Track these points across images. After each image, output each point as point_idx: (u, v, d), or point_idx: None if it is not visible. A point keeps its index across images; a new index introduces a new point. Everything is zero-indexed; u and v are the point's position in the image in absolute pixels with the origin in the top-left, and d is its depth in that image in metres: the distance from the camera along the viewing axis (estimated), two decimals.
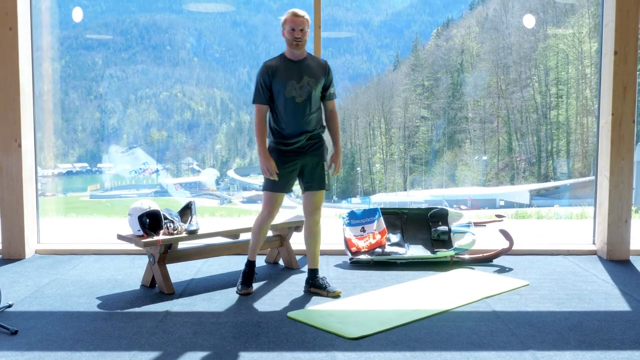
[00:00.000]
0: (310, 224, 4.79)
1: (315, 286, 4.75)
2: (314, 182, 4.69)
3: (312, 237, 4.81)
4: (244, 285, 4.78)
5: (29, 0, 5.96)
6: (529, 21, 34.89)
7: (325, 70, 4.64)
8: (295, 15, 4.49)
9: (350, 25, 50.07)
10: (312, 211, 4.75)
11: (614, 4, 5.70)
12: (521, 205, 26.82)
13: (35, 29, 6.07)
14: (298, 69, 4.54)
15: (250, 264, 4.87)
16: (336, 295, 4.66)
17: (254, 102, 4.58)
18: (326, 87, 4.67)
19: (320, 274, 4.84)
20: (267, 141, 4.67)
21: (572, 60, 33.66)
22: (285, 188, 4.70)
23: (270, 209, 4.72)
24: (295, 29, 4.46)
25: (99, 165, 38.77)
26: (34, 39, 6.03)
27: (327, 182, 4.73)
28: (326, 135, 4.80)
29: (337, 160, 4.75)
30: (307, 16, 4.53)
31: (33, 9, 6.01)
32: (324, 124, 4.78)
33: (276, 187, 4.66)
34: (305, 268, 5.51)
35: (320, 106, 4.71)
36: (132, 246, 5.32)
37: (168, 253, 4.80)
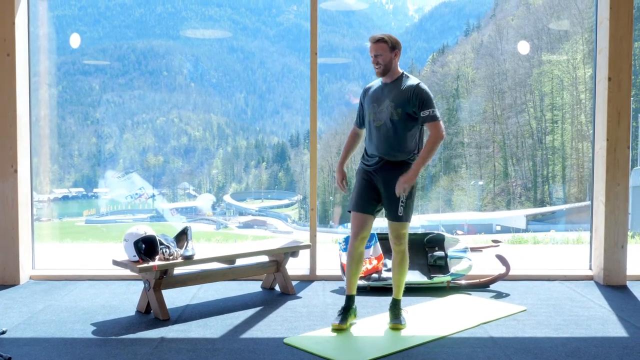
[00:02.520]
0: (394, 252, 4.62)
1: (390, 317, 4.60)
2: (386, 212, 4.52)
3: (395, 265, 4.65)
4: (341, 319, 4.48)
5: (27, 26, 6.00)
6: (524, 47, 35.14)
7: (411, 93, 4.36)
8: (372, 41, 4.43)
9: (346, 51, 50.45)
10: (392, 239, 4.55)
11: (608, 30, 5.75)
12: (517, 230, 26.78)
13: (32, 55, 6.10)
14: (383, 92, 4.47)
15: (347, 299, 4.60)
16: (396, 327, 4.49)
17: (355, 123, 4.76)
18: (416, 111, 4.37)
19: (319, 300, 4.80)
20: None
21: (567, 86, 33.87)
22: (363, 208, 4.51)
23: (354, 231, 4.54)
24: (372, 55, 4.44)
25: (95, 190, 38.72)
26: (31, 65, 6.06)
27: (398, 214, 4.43)
28: None
29: (402, 179, 4.33)
30: (386, 39, 4.41)
31: (31, 35, 6.05)
32: (408, 151, 4.45)
33: (353, 205, 4.57)
34: (301, 294, 5.51)
35: (407, 132, 4.39)
36: (127, 272, 5.29)
37: (164, 279, 4.78)
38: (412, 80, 4.44)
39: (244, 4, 55.60)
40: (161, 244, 4.80)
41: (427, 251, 6.02)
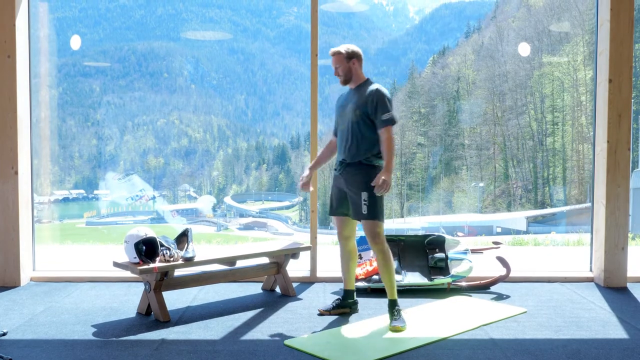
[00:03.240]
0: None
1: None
2: (349, 211, 4.72)
3: (379, 267, 4.73)
4: (333, 306, 4.94)
5: (27, 28, 6.00)
6: (524, 49, 35.17)
7: (368, 97, 4.54)
8: (331, 54, 4.71)
9: None
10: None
11: (608, 32, 5.76)
12: (518, 232, 26.77)
13: (33, 57, 6.11)
14: (348, 98, 4.71)
15: (344, 293, 5.02)
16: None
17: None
18: (372, 115, 4.53)
19: (319, 302, 4.87)
20: None
21: (568, 87, 33.89)
22: (337, 210, 4.81)
23: (337, 232, 4.89)
24: (334, 68, 4.72)
25: (95, 192, 38.73)
26: (32, 67, 6.07)
27: (363, 212, 4.54)
28: None
29: (377, 177, 4.43)
30: (340, 52, 4.67)
31: (31, 36, 6.05)
32: (368, 152, 4.58)
33: (329, 209, 4.86)
34: (302, 295, 5.50)
35: (368, 135, 4.54)
36: (128, 273, 5.30)
37: (164, 280, 4.78)
38: (373, 85, 4.63)
39: (245, 5, 55.67)
40: (162, 245, 4.80)
41: (428, 253, 6.02)
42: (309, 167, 5.03)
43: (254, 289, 5.74)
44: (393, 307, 4.61)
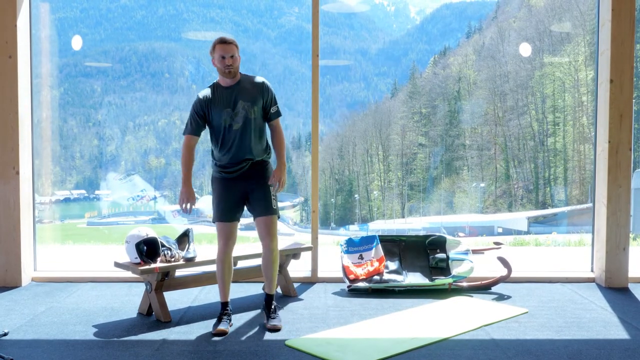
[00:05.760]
0: (264, 251, 4.62)
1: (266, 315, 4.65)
2: (259, 209, 4.53)
3: (265, 263, 4.64)
4: (221, 322, 4.49)
5: (29, 28, 6.01)
6: (525, 49, 35.15)
7: (261, 90, 4.49)
8: (223, 42, 4.38)
9: (348, 53, 50.44)
10: (263, 236, 4.57)
11: (609, 32, 5.75)
12: (519, 233, 26.75)
13: (34, 57, 6.12)
14: (232, 95, 4.42)
15: (222, 306, 4.60)
16: (273, 329, 4.48)
17: (185, 132, 4.52)
18: (267, 107, 4.51)
19: (320, 302, 4.82)
20: (212, 170, 4.63)
21: (569, 88, 33.87)
22: (234, 216, 4.54)
23: (225, 239, 4.54)
24: (225, 57, 4.35)
25: (96, 192, 38.70)
26: (33, 67, 6.07)
27: (274, 208, 4.55)
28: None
29: (278, 175, 4.51)
30: (235, 42, 4.42)
31: (32, 37, 6.06)
32: (268, 147, 4.61)
33: (224, 217, 4.53)
34: (303, 295, 5.50)
35: (263, 129, 4.54)
36: (129, 274, 5.30)
37: (165, 281, 4.78)
38: (257, 78, 4.52)
39: (246, 6, 55.64)
40: (163, 245, 4.80)
41: (429, 253, 6.01)
42: (189, 184, 4.59)
43: (255, 289, 5.74)
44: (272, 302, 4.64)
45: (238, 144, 4.43)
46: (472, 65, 38.93)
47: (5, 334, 4.30)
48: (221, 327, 4.41)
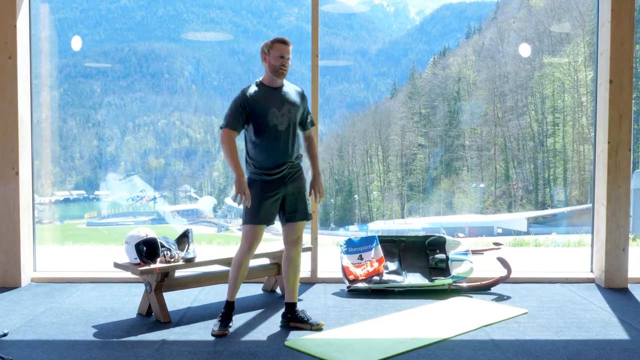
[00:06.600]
0: (292, 256, 4.56)
1: (297, 320, 4.55)
2: (297, 213, 4.50)
3: (293, 269, 4.58)
4: (221, 325, 4.44)
5: (28, 29, 6.00)
6: (525, 50, 35.20)
7: (302, 97, 4.57)
8: (284, 42, 4.42)
9: (347, 54, 50.50)
10: (295, 241, 4.54)
11: (609, 33, 5.75)
12: (519, 233, 26.78)
13: (34, 58, 6.11)
14: (279, 96, 4.43)
15: (228, 305, 4.55)
16: (319, 328, 4.48)
17: (226, 126, 4.35)
18: (304, 115, 4.57)
19: (319, 303, 4.81)
20: (246, 172, 4.48)
21: (568, 88, 33.91)
22: (269, 220, 4.44)
23: (251, 242, 4.44)
24: (284, 57, 4.39)
25: (96, 192, 38.73)
26: (32, 67, 6.07)
27: (309, 212, 4.59)
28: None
29: (317, 186, 4.60)
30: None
31: (32, 37, 6.05)
32: (301, 152, 4.61)
33: (258, 219, 4.40)
34: (302, 296, 5.49)
35: (299, 134, 4.57)
36: (128, 274, 5.30)
37: (165, 281, 4.78)
38: (296, 86, 4.62)
39: (245, 6, 55.66)
40: (162, 246, 4.80)
41: (429, 254, 6.02)
42: (244, 177, 4.42)
43: (255, 289, 5.74)
44: (296, 309, 4.61)
45: (281, 145, 4.40)
46: (471, 66, 38.98)
47: (5, 335, 4.30)
48: (221, 328, 4.41)
